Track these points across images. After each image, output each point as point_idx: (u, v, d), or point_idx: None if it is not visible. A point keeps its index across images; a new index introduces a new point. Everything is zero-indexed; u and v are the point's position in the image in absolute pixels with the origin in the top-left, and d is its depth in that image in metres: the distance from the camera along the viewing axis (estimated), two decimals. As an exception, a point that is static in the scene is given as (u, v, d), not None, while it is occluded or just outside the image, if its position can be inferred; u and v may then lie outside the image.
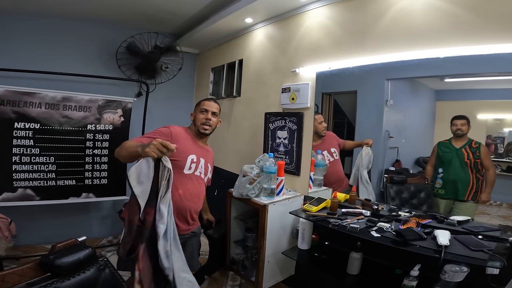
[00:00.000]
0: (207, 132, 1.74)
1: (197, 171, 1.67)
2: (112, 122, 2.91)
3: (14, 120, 2.50)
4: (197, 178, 1.69)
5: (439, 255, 1.26)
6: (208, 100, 1.79)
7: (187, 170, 1.62)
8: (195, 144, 1.72)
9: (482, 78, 1.65)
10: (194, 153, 1.66)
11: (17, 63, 2.70)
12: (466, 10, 1.49)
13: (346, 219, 1.72)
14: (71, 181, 2.77)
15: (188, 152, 1.64)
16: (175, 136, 1.59)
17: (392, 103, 2.00)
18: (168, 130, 1.61)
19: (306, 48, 2.27)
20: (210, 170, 1.81)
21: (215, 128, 1.80)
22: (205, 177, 1.76)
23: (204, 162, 1.72)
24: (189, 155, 1.63)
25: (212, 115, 1.75)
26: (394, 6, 1.76)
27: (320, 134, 2.25)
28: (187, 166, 1.62)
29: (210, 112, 1.74)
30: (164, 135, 1.56)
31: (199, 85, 3.79)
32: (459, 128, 1.70)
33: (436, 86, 1.90)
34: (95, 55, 3.14)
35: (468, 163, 1.69)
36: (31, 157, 2.58)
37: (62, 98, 2.68)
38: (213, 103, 1.78)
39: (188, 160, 1.62)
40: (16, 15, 2.76)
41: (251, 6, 2.31)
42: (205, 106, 1.76)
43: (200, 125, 1.72)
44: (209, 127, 1.74)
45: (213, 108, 1.76)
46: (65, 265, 1.10)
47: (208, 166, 1.77)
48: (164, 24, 3.18)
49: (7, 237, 2.48)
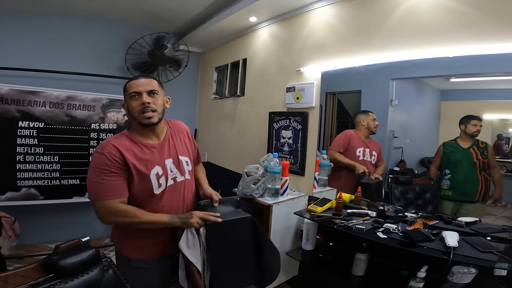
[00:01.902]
0: (154, 120, 1.22)
1: (169, 180, 1.27)
2: (116, 121, 2.92)
3: (19, 119, 2.51)
4: (175, 186, 1.29)
5: (447, 256, 1.24)
6: (136, 79, 1.24)
7: (157, 190, 1.23)
8: (146, 150, 1.23)
9: (488, 78, 1.63)
10: (156, 163, 1.23)
11: (21, 62, 2.70)
12: (474, 9, 1.47)
13: (351, 220, 1.70)
14: (75, 181, 2.78)
15: (146, 168, 1.20)
16: (121, 159, 1.16)
17: (397, 103, 1.98)
18: (111, 157, 1.14)
19: (311, 47, 2.26)
20: (189, 150, 1.39)
21: (164, 110, 1.29)
22: (185, 173, 1.33)
23: (173, 160, 1.30)
24: (150, 171, 1.20)
25: (149, 95, 1.22)
26: (402, 5, 1.74)
27: (372, 131, 2.11)
28: (154, 186, 1.22)
29: (144, 93, 1.21)
30: (115, 168, 1.15)
31: (203, 84, 3.79)
32: (478, 129, 1.66)
33: (442, 86, 1.88)
34: (98, 54, 3.14)
35: (477, 163, 1.66)
36: (35, 156, 2.59)
37: (67, 97, 2.68)
38: (143, 80, 1.24)
39: (151, 179, 1.21)
40: (20, 14, 2.76)
41: (255, 5, 2.30)
42: (133, 88, 1.21)
43: (139, 115, 1.20)
44: (153, 112, 1.21)
45: (146, 86, 1.22)
46: (68, 266, 1.08)
47: (181, 159, 1.32)
48: (168, 23, 3.18)
49: (11, 237, 2.49)
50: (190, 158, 1.38)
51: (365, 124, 2.11)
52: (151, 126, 1.23)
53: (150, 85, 1.23)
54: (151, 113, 1.20)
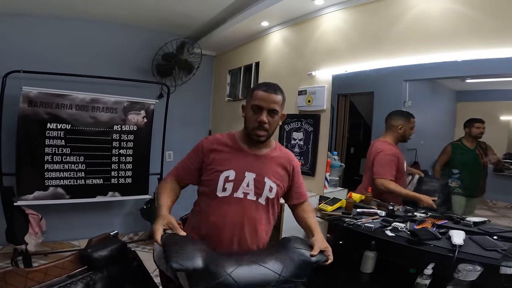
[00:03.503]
0: (262, 139, 1.22)
1: (238, 192, 1.20)
2: (136, 123, 3.04)
3: (47, 121, 2.63)
4: (242, 201, 1.21)
5: (453, 254, 1.28)
6: (264, 91, 1.20)
7: (220, 192, 1.20)
8: (240, 154, 1.25)
9: (505, 79, 1.60)
10: (233, 168, 1.21)
11: (47, 65, 2.79)
12: (483, 14, 1.51)
13: (361, 218, 1.76)
14: (99, 180, 2.91)
15: (223, 167, 1.22)
16: (207, 151, 1.25)
17: (410, 104, 1.97)
18: (200, 146, 1.29)
19: (322, 51, 2.32)
20: (280, 179, 1.28)
21: (276, 128, 1.27)
22: (262, 196, 1.23)
23: (256, 177, 1.22)
24: (223, 171, 1.21)
25: (269, 114, 1.20)
26: (411, 10, 1.79)
27: (404, 140, 1.95)
28: (219, 187, 1.20)
29: (265, 111, 1.19)
30: (195, 156, 1.28)
31: (217, 87, 3.90)
32: (482, 131, 1.71)
33: (457, 86, 1.87)
34: (118, 58, 3.28)
35: (482, 163, 1.73)
36: (62, 157, 2.72)
37: (91, 99, 2.81)
38: (272, 95, 1.19)
39: (220, 179, 1.20)
40: (50, 20, 2.91)
41: (268, 10, 2.38)
42: (257, 100, 1.19)
43: (251, 129, 1.22)
44: (265, 132, 1.21)
45: (271, 104, 1.19)
46: (101, 258, 1.20)
47: (266, 181, 1.23)
48: (183, 27, 3.30)
49: (37, 233, 2.58)
50: (278, 187, 1.26)
51: (401, 131, 1.92)
52: (257, 143, 1.26)
53: (274, 103, 1.20)
54: (263, 131, 1.21)
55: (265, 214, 1.27)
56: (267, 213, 1.28)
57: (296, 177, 1.36)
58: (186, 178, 1.30)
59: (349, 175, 2.38)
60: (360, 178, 2.24)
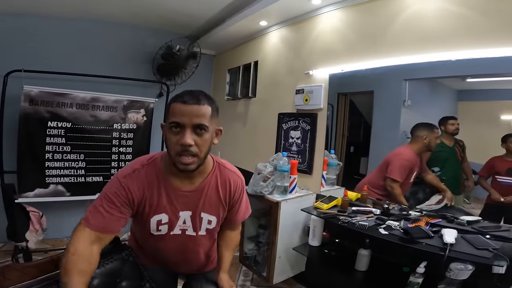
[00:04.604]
0: (191, 167, 0.94)
1: (175, 230, 1.07)
2: (136, 122, 3.08)
3: (48, 119, 2.67)
4: (180, 237, 1.09)
5: (444, 252, 1.29)
6: (183, 102, 0.91)
7: (155, 231, 1.06)
8: (170, 193, 1.02)
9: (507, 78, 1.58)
10: (164, 212, 1.03)
11: (48, 65, 2.81)
12: (478, 13, 1.51)
13: (355, 216, 1.77)
14: (99, 178, 2.95)
15: (153, 213, 1.02)
16: (131, 194, 0.98)
17: (410, 103, 1.97)
18: (121, 188, 0.97)
19: (319, 50, 2.33)
20: (221, 209, 1.11)
21: (209, 149, 0.99)
22: (200, 230, 1.10)
23: (192, 214, 1.06)
24: (154, 216, 1.03)
25: (195, 132, 0.92)
26: (407, 10, 1.79)
27: (430, 150, 1.88)
28: (152, 229, 1.05)
29: (188, 128, 0.91)
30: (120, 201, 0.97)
31: (216, 86, 3.92)
32: (457, 127, 1.76)
33: (458, 86, 1.85)
34: (117, 57, 3.29)
35: (460, 160, 1.77)
36: (62, 155, 2.75)
37: (91, 98, 2.84)
38: (194, 106, 0.91)
39: (152, 222, 1.03)
40: (48, 19, 2.92)
41: (266, 10, 2.39)
42: (176, 116, 0.91)
43: (174, 156, 0.93)
44: (193, 157, 0.93)
45: (194, 118, 0.91)
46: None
47: (203, 217, 1.08)
48: (183, 27, 3.31)
49: (38, 231, 2.60)
50: (218, 217, 1.13)
51: (426, 141, 1.88)
52: (186, 172, 0.98)
53: (199, 117, 0.91)
54: (190, 158, 0.92)
55: (207, 241, 1.18)
56: (209, 239, 1.18)
57: (236, 203, 1.15)
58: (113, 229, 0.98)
59: (349, 174, 2.38)
60: (360, 177, 2.24)
